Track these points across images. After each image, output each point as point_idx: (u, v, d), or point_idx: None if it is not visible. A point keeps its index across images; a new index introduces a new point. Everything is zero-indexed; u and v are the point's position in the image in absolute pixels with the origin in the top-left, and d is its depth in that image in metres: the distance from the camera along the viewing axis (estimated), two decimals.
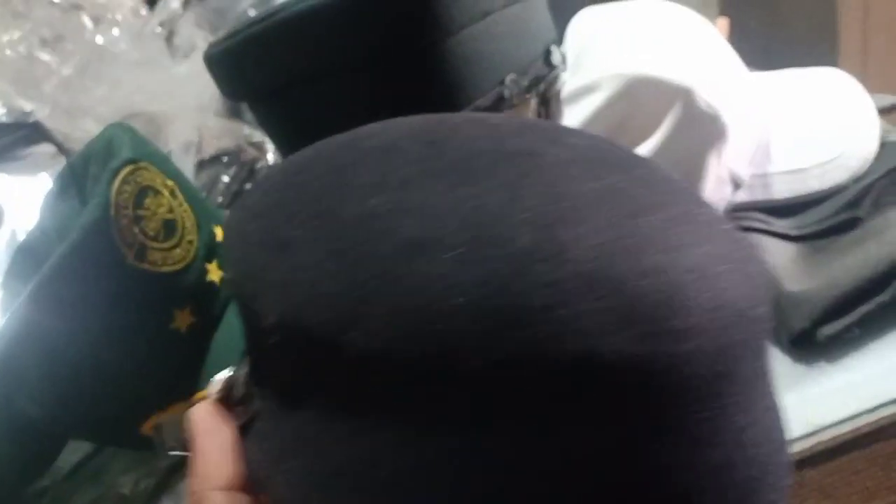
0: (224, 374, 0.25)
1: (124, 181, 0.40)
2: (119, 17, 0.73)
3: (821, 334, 0.44)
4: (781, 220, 0.50)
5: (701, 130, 0.45)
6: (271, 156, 0.66)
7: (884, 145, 0.54)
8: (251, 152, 0.66)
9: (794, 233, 0.50)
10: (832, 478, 0.40)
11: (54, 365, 0.38)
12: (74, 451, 0.45)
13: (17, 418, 0.39)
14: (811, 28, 1.49)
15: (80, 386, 0.39)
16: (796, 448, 0.40)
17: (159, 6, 0.78)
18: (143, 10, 0.77)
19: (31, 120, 0.69)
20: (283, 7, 0.42)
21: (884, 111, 0.55)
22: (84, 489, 0.45)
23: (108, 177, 0.40)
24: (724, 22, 0.85)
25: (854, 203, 0.50)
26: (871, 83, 0.57)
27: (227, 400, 0.25)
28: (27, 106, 0.70)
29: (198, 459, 0.25)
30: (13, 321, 0.38)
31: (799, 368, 0.44)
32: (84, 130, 0.70)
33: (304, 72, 0.43)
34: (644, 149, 0.45)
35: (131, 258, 0.39)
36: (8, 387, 0.38)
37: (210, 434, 0.25)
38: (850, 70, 0.57)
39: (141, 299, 0.39)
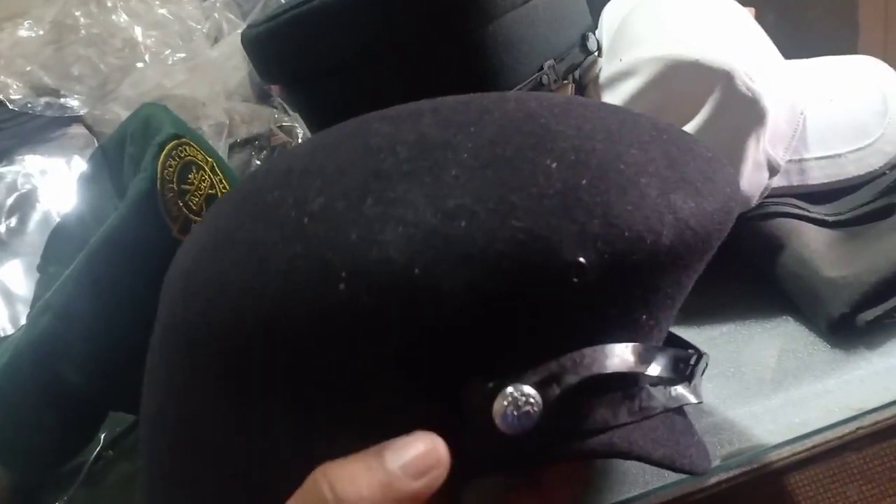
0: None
1: (169, 155, 0.41)
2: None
3: (860, 320, 0.43)
4: (818, 207, 0.50)
5: (741, 114, 0.45)
6: (301, 140, 0.66)
7: None
8: (281, 136, 0.66)
9: (830, 218, 0.49)
10: (874, 462, 0.40)
11: (100, 336, 0.39)
12: (114, 426, 0.46)
13: (62, 389, 0.39)
14: (831, 22, 1.48)
15: (124, 357, 0.39)
16: (837, 433, 0.40)
17: None
18: None
19: (58, 102, 0.70)
20: None
21: None
22: (121, 464, 0.45)
23: (155, 151, 0.40)
24: (750, 11, 0.85)
25: (891, 189, 0.50)
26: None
27: None
28: (56, 90, 0.71)
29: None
30: (62, 293, 0.38)
31: (838, 354, 0.44)
32: (113, 113, 0.71)
33: (345, 56, 0.43)
34: None
35: (176, 232, 0.40)
36: (54, 358, 0.39)
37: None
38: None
39: None
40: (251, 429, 0.24)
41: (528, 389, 0.23)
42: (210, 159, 0.45)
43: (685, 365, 0.29)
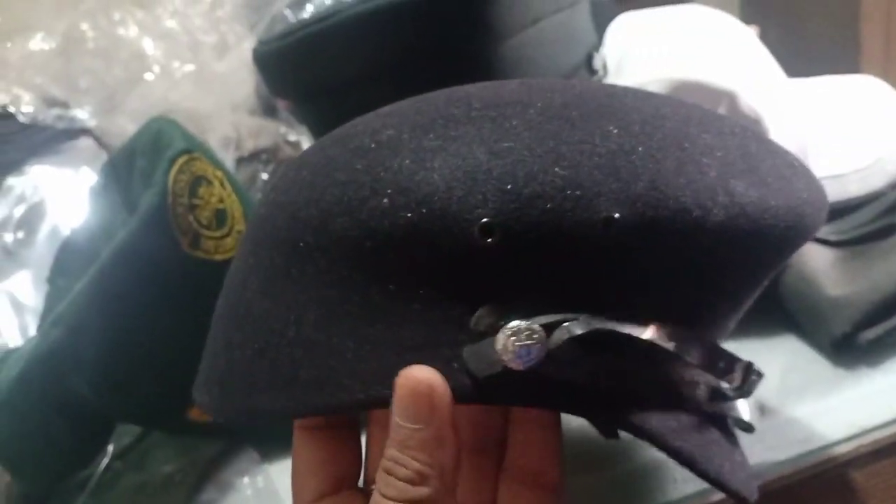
0: None
1: (180, 170, 0.41)
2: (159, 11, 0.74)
3: (862, 338, 0.44)
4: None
5: None
6: None
7: None
8: (288, 151, 0.67)
9: (833, 238, 0.50)
10: (875, 480, 0.40)
11: (111, 350, 0.39)
12: (121, 437, 0.46)
13: (72, 401, 0.40)
14: (833, 37, 1.49)
15: (134, 370, 0.40)
16: (839, 451, 0.40)
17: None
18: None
19: (69, 115, 0.70)
20: (337, 10, 0.42)
21: None
22: (128, 475, 0.46)
23: (166, 165, 0.40)
24: (754, 29, 0.86)
25: (893, 209, 0.50)
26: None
27: None
28: (66, 102, 0.71)
29: (442, 433, 0.25)
30: (73, 307, 0.38)
31: (840, 372, 0.45)
32: (120, 126, 0.71)
33: (355, 75, 0.44)
34: None
35: (186, 246, 0.40)
36: (65, 371, 0.39)
37: (449, 405, 0.25)
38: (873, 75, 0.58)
39: (195, 286, 0.40)
40: (294, 306, 0.26)
41: (534, 325, 0.24)
42: (220, 173, 0.45)
43: (730, 368, 0.27)
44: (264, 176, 0.62)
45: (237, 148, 0.64)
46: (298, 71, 0.46)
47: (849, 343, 0.44)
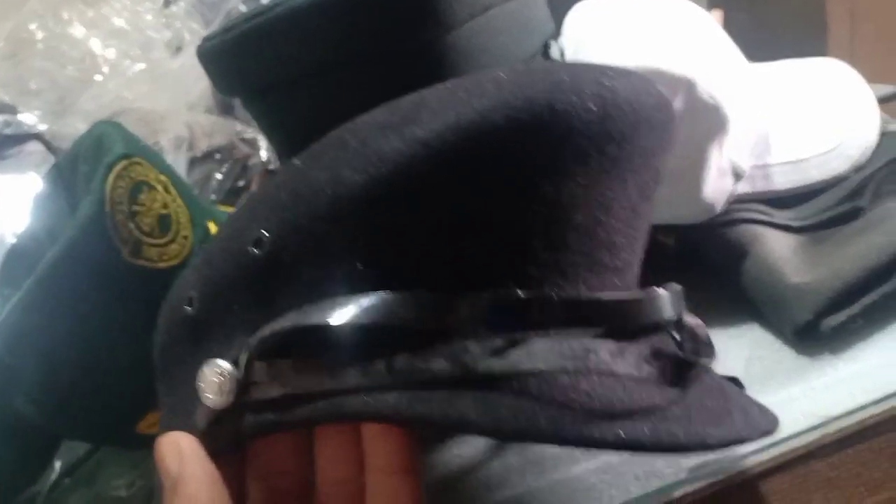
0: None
1: (118, 176, 0.40)
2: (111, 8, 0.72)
3: (825, 326, 0.43)
4: (783, 212, 0.50)
5: (703, 121, 0.45)
6: (264, 153, 0.65)
7: (884, 135, 0.53)
8: (243, 149, 0.65)
9: (795, 224, 0.49)
10: (839, 470, 0.39)
11: (51, 364, 0.38)
12: (67, 454, 0.45)
13: (14, 419, 0.38)
14: (799, 20, 1.50)
15: (77, 385, 0.38)
16: (803, 440, 0.40)
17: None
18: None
19: (17, 118, 0.68)
20: (278, 3, 0.41)
21: (882, 100, 0.55)
22: (79, 491, 0.44)
23: (104, 172, 0.39)
24: (718, 14, 0.85)
25: (855, 193, 0.50)
26: (860, 72, 0.57)
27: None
28: (15, 104, 0.69)
29: (186, 486, 0.25)
30: (9, 321, 0.37)
31: (803, 360, 0.44)
32: (73, 127, 0.70)
33: (300, 69, 0.42)
34: None
35: (127, 254, 0.39)
36: (4, 387, 0.37)
37: (198, 459, 0.26)
38: (839, 59, 0.57)
39: (137, 296, 0.39)
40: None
41: (223, 364, 0.25)
42: (164, 177, 0.44)
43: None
44: (218, 176, 0.61)
45: (190, 148, 0.62)
46: (241, 67, 0.44)
47: (811, 331, 0.44)
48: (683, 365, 0.26)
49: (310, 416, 0.24)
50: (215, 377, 0.25)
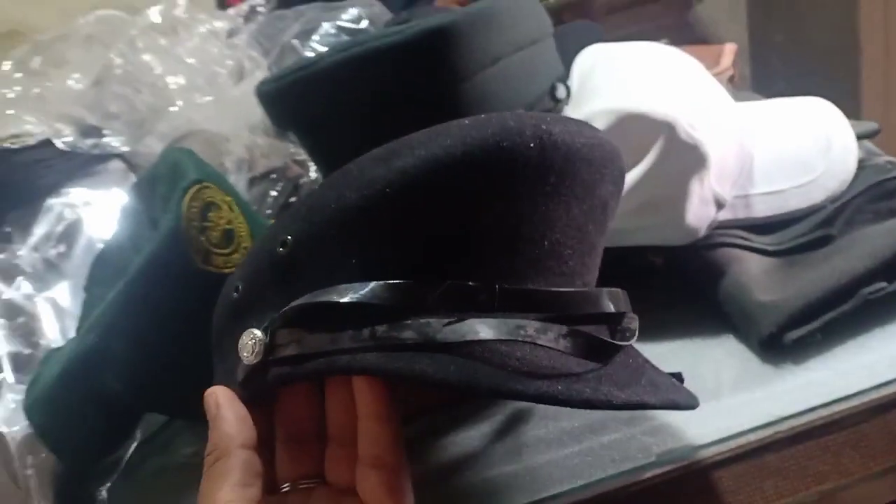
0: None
1: (192, 198, 0.48)
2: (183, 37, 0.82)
3: (787, 338, 0.49)
4: (761, 237, 0.56)
5: (682, 159, 0.51)
6: (313, 173, 0.74)
7: (863, 168, 0.59)
8: (295, 169, 0.74)
9: (771, 248, 0.55)
10: (788, 462, 0.46)
11: (137, 350, 0.47)
12: (149, 425, 0.54)
13: (106, 394, 0.47)
14: (834, 41, 1.52)
15: (157, 369, 0.47)
16: (758, 436, 0.46)
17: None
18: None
19: (102, 143, 0.78)
20: (321, 57, 0.50)
21: (861, 137, 0.61)
22: (155, 457, 0.54)
23: (180, 195, 0.48)
24: (732, 47, 0.91)
25: (828, 221, 0.56)
26: (894, 94, 0.60)
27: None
28: (100, 129, 0.79)
29: (221, 423, 0.35)
30: (104, 316, 0.46)
31: (767, 368, 0.50)
32: (150, 148, 0.79)
33: (339, 114, 0.51)
34: (632, 175, 0.51)
35: (199, 262, 0.47)
36: (98, 369, 0.47)
37: (231, 403, 0.35)
38: (873, 81, 0.61)
39: (207, 296, 0.47)
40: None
41: (255, 332, 0.34)
42: (228, 198, 0.53)
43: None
44: (273, 193, 0.70)
45: (250, 169, 0.71)
46: (291, 109, 0.53)
47: (774, 343, 0.50)
48: (600, 344, 0.34)
49: (314, 369, 0.33)
50: (250, 341, 0.34)
